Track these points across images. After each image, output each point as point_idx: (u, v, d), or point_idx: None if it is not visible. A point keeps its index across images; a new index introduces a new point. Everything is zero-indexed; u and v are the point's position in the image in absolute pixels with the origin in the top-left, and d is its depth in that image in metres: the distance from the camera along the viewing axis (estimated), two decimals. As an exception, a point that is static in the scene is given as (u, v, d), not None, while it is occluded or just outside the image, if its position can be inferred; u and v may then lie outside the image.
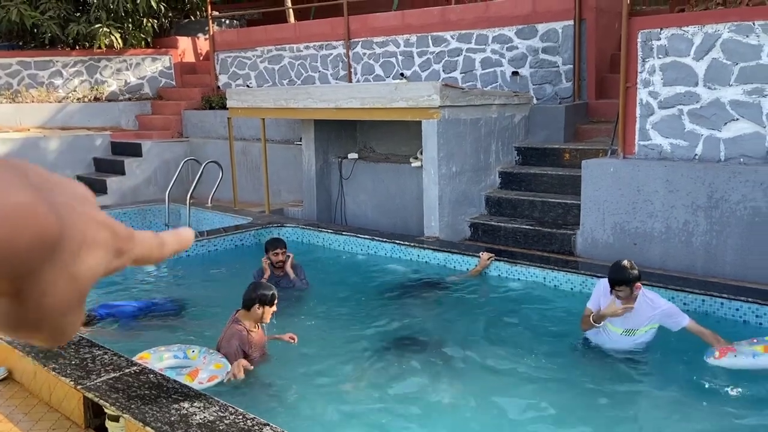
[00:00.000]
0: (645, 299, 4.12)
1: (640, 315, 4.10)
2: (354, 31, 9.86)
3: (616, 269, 4.08)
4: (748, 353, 3.83)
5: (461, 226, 6.98)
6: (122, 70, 12.04)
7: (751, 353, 3.82)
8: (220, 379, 3.72)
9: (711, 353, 3.93)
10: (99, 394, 3.08)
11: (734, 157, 5.47)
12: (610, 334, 4.21)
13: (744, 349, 3.87)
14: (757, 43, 5.24)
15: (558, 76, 8.08)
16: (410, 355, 4.36)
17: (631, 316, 4.10)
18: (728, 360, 3.84)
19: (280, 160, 9.35)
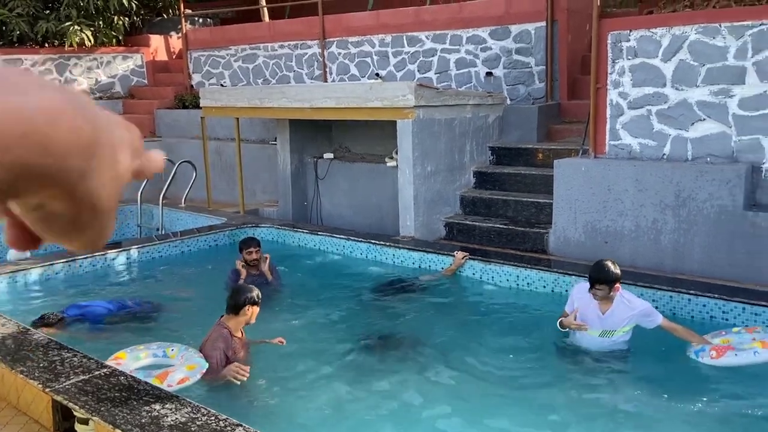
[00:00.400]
0: (622, 300, 4.11)
1: (618, 316, 4.08)
2: (329, 30, 9.84)
3: (597, 268, 4.07)
4: (749, 351, 3.87)
5: (436, 226, 7.02)
6: (93, 69, 11.85)
7: (752, 351, 3.87)
8: (191, 381, 3.68)
9: (703, 352, 3.93)
10: (68, 396, 3.04)
11: (701, 156, 5.59)
12: (585, 336, 4.21)
13: (744, 347, 3.90)
14: (723, 44, 5.37)
15: (531, 77, 8.16)
16: (385, 354, 4.37)
17: (609, 317, 4.08)
18: (727, 359, 3.87)
19: (255, 160, 9.29)
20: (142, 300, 5.38)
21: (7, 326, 4.10)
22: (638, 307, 4.10)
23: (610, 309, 4.11)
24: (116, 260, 6.47)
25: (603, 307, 4.12)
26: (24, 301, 5.50)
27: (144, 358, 3.97)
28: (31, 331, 4.04)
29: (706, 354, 3.96)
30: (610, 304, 4.10)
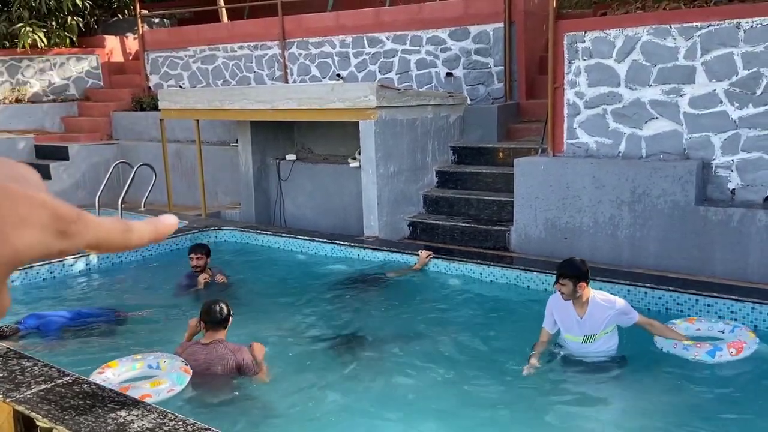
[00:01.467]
0: (597, 301, 4.02)
1: (596, 318, 3.99)
2: (289, 31, 9.80)
3: (564, 261, 4.06)
4: (752, 343, 3.98)
5: (400, 225, 7.08)
6: (46, 71, 11.52)
7: (755, 342, 4.00)
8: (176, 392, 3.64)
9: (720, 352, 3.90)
10: (30, 406, 2.97)
11: (655, 153, 5.78)
12: (569, 343, 4.12)
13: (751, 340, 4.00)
14: (674, 45, 5.56)
15: (490, 77, 8.29)
16: (352, 353, 4.40)
17: (587, 320, 3.99)
18: (744, 353, 3.93)
19: (216, 162, 9.19)
20: (103, 308, 5.27)
21: (-38, 337, 3.97)
22: (615, 305, 4.00)
23: (587, 312, 4.00)
24: (75, 267, 6.33)
25: (579, 311, 4.02)
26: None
27: (139, 369, 3.92)
28: (-12, 341, 3.93)
29: (724, 353, 3.90)
30: (585, 308, 3.99)
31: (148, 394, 3.52)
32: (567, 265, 4.01)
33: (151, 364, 3.95)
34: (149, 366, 3.94)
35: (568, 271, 3.94)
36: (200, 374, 3.83)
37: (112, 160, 9.76)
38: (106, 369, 3.89)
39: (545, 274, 5.37)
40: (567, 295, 3.96)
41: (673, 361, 4.05)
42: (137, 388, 3.59)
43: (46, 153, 10.22)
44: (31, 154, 10.37)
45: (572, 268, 3.95)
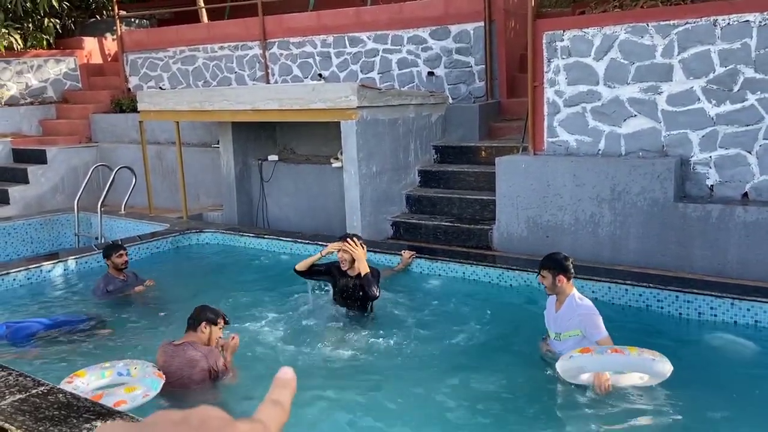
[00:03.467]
0: (573, 300, 3.99)
1: (565, 316, 3.98)
2: (270, 31, 9.75)
3: (547, 254, 4.11)
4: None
5: (383, 225, 7.06)
6: (23, 73, 11.35)
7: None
8: (151, 397, 3.59)
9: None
10: (4, 417, 2.91)
11: (634, 151, 5.82)
12: (550, 338, 4.13)
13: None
14: (651, 43, 5.60)
15: (471, 76, 8.30)
16: (336, 355, 4.38)
17: (559, 316, 4.00)
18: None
19: (198, 164, 9.12)
20: (80, 315, 5.19)
21: (-64, 346, 3.90)
22: (580, 311, 3.90)
23: (562, 309, 4.00)
24: (53, 272, 6.24)
25: (557, 306, 4.04)
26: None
27: (108, 377, 3.84)
28: (-38, 350, 3.86)
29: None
30: (562, 304, 4.00)
31: (124, 400, 3.47)
32: (547, 258, 4.08)
33: (120, 372, 3.84)
34: (119, 373, 3.84)
35: (547, 263, 4.02)
36: (172, 378, 3.75)
37: (91, 163, 9.64)
38: (75, 378, 3.79)
39: (528, 272, 5.38)
40: (548, 289, 4.04)
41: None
42: (112, 395, 3.54)
43: (24, 157, 10.07)
44: (9, 158, 10.22)
45: (551, 261, 4.03)
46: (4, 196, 9.39)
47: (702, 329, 4.58)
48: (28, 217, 8.64)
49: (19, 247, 8.26)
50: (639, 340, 4.49)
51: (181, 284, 6.22)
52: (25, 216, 8.75)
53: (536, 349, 4.28)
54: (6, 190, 9.42)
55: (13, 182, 9.69)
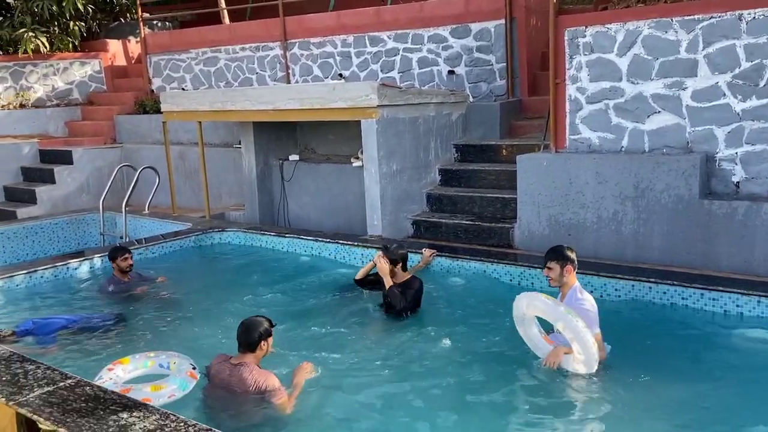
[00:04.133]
0: (575, 294, 4.02)
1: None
2: (291, 32, 9.81)
3: (551, 247, 4.16)
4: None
5: (404, 224, 7.06)
6: (49, 75, 11.58)
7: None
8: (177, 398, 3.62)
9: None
10: (32, 409, 2.97)
11: (657, 148, 5.74)
12: (554, 331, 4.11)
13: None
14: (676, 38, 5.52)
15: (492, 74, 8.27)
16: (356, 353, 4.39)
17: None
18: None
19: (220, 164, 9.21)
20: (103, 312, 5.27)
21: (-33, 341, 3.99)
22: (579, 303, 3.93)
23: (564, 300, 4.04)
24: (79, 270, 6.35)
25: (561, 297, 4.09)
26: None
27: (150, 366, 3.91)
28: (-8, 344, 3.94)
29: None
30: (565, 296, 4.04)
31: (148, 398, 3.51)
32: (552, 250, 4.14)
33: (162, 363, 3.94)
34: (160, 365, 3.93)
35: (553, 255, 4.07)
36: (222, 391, 3.64)
37: (115, 164, 9.80)
38: (117, 365, 3.89)
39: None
40: (555, 280, 4.08)
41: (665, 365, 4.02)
42: (139, 392, 3.59)
43: (51, 157, 10.26)
44: (36, 159, 10.42)
45: (557, 252, 4.08)
46: (32, 196, 9.58)
47: (728, 327, 4.50)
48: (55, 216, 8.79)
49: (46, 246, 8.41)
50: (662, 338, 4.45)
51: (202, 282, 6.28)
52: (52, 215, 8.91)
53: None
54: (33, 190, 9.61)
55: (41, 182, 9.88)
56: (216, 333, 4.81)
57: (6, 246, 8.03)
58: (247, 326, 3.71)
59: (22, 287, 5.91)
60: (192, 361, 3.98)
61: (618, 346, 4.20)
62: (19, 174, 10.26)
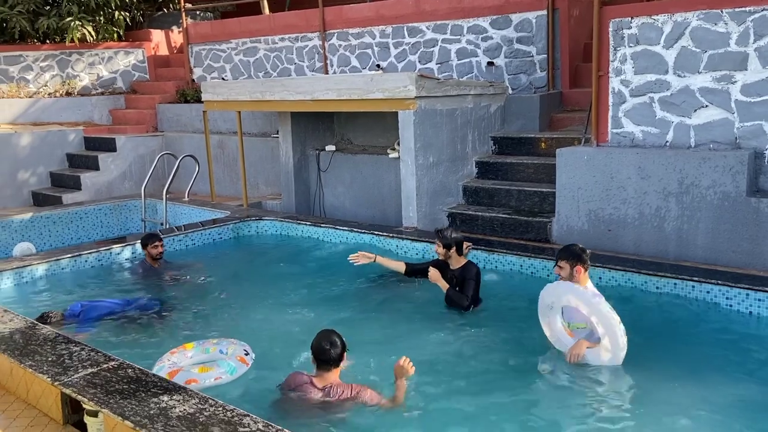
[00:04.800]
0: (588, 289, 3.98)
1: (574, 309, 3.96)
2: (329, 22, 9.82)
3: (564, 246, 4.17)
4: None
5: (439, 216, 7.03)
6: (94, 64, 11.86)
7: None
8: (223, 381, 3.68)
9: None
10: (77, 389, 3.07)
11: (704, 143, 5.58)
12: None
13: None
14: (725, 30, 5.35)
15: (532, 66, 8.14)
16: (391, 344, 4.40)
17: (570, 309, 4.00)
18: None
19: (258, 153, 9.31)
20: (147, 296, 5.40)
21: (15, 321, 4.13)
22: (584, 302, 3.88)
23: None
24: (121, 255, 6.51)
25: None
26: (30, 296, 5.53)
27: (212, 352, 4.00)
28: (39, 326, 4.07)
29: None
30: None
31: (195, 379, 3.59)
32: (565, 249, 4.11)
33: (222, 349, 4.02)
34: (221, 351, 4.01)
35: (564, 254, 4.05)
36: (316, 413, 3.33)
37: (157, 151, 10.00)
38: (180, 350, 3.98)
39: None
40: (564, 278, 4.04)
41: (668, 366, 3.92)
42: (187, 372, 3.67)
43: (95, 144, 10.52)
44: (81, 146, 10.69)
45: (569, 252, 4.05)
46: (77, 183, 9.84)
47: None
48: (99, 202, 9.02)
49: (89, 231, 8.64)
50: (705, 337, 4.34)
51: (239, 269, 6.37)
52: (96, 201, 9.14)
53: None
54: (78, 176, 9.87)
55: (85, 169, 10.14)
56: (255, 319, 4.88)
57: (51, 231, 8.27)
58: (331, 342, 3.38)
59: (67, 271, 6.09)
60: (248, 347, 4.04)
61: (656, 344, 4.12)
62: (65, 160, 10.55)
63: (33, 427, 3.28)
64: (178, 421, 2.71)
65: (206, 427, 2.67)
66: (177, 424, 2.69)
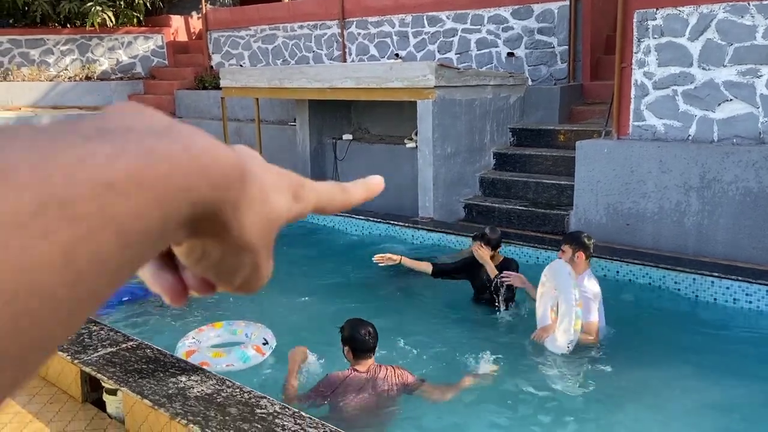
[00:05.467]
0: (582, 280, 4.00)
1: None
2: (348, 10, 9.78)
3: (570, 232, 4.24)
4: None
5: (455, 207, 7.01)
6: (114, 49, 11.92)
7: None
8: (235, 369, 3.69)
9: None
10: (96, 368, 3.10)
11: (727, 137, 5.50)
12: None
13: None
14: (752, 23, 5.25)
15: (553, 57, 8.06)
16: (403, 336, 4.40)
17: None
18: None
19: (275, 141, 9.32)
20: None
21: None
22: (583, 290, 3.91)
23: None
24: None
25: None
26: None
27: (239, 335, 4.03)
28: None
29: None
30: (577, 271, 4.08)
31: (206, 362, 3.61)
32: (569, 235, 4.29)
33: (248, 333, 4.06)
34: (246, 334, 4.04)
35: (569, 239, 4.18)
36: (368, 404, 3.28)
37: (175, 137, 10.02)
38: (209, 327, 4.02)
39: (605, 260, 5.22)
40: (566, 260, 4.08)
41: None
42: (200, 354, 3.70)
43: (114, 129, 10.58)
44: (100, 130, 10.76)
45: (573, 237, 4.19)
46: (95, 166, 9.92)
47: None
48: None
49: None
50: (722, 333, 4.30)
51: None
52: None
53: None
54: (97, 160, 9.95)
55: (103, 153, 10.22)
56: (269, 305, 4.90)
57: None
58: (369, 329, 3.30)
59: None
60: (270, 336, 3.99)
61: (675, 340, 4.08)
62: (84, 144, 10.62)
63: (52, 404, 3.33)
64: (196, 401, 2.73)
65: (223, 407, 2.68)
66: (195, 404, 2.71)
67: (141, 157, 0.27)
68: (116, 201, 0.25)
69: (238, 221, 0.32)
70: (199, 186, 0.29)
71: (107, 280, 0.26)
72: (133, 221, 0.26)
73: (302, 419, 2.61)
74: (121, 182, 0.26)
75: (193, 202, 0.29)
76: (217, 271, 0.34)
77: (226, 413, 2.64)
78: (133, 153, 0.26)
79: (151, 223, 0.27)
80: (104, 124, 0.28)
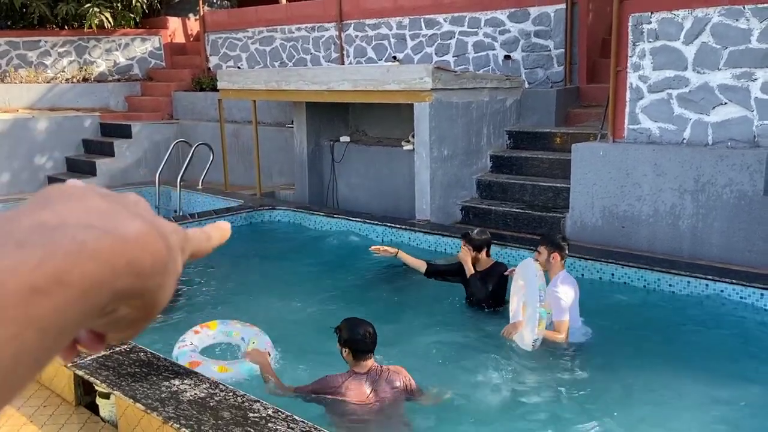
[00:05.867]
0: (555, 280, 4.05)
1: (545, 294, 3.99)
2: (346, 12, 9.80)
3: (546, 233, 4.27)
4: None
5: (452, 209, 7.02)
6: (111, 51, 11.92)
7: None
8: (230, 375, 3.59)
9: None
10: (89, 371, 3.10)
11: (722, 141, 5.52)
12: None
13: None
14: (747, 27, 5.27)
15: (550, 60, 8.08)
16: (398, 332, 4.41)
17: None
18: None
19: (272, 143, 9.32)
20: None
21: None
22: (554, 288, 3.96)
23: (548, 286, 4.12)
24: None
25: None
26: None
27: (234, 336, 3.98)
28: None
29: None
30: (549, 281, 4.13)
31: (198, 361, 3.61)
32: (546, 236, 4.34)
33: (245, 337, 3.98)
34: (243, 338, 3.99)
35: (545, 241, 4.22)
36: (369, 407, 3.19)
37: (172, 139, 10.05)
38: (204, 328, 4.00)
39: (600, 262, 5.23)
40: (542, 264, 4.11)
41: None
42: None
43: (111, 131, 10.59)
44: (97, 132, 10.77)
45: (549, 239, 4.24)
46: (92, 168, 9.92)
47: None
48: (114, 188, 9.09)
49: (104, 217, 8.71)
50: (717, 336, 4.31)
51: (251, 258, 6.41)
52: (110, 187, 9.19)
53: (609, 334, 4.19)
54: (94, 162, 9.95)
55: (101, 155, 10.22)
56: (266, 306, 4.91)
57: (67, 215, 8.36)
58: (368, 330, 3.18)
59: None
60: (270, 344, 3.90)
61: (669, 342, 4.09)
62: (81, 146, 10.63)
63: (46, 407, 3.33)
64: (189, 405, 2.74)
65: (216, 411, 2.69)
66: (187, 407, 2.72)
67: (69, 257, 0.29)
68: (41, 302, 0.27)
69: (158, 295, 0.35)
70: (126, 277, 0.32)
71: (27, 370, 0.28)
72: (56, 317, 0.28)
73: (295, 423, 2.61)
74: (48, 285, 0.28)
75: (117, 290, 0.32)
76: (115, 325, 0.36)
77: (219, 417, 2.65)
78: (61, 254, 0.28)
79: (73, 315, 0.29)
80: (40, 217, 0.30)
